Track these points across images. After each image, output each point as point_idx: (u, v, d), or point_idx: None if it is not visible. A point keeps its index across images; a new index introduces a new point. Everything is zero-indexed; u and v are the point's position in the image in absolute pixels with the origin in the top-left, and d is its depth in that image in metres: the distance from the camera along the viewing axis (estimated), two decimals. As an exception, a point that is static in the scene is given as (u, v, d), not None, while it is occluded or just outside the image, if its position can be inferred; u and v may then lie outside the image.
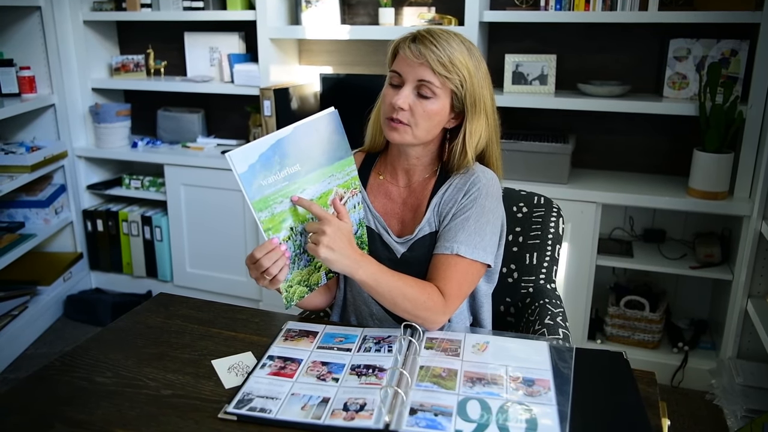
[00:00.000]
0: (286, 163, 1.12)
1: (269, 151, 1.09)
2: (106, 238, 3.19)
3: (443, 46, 1.21)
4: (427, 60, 1.20)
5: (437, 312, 1.20)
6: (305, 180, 1.15)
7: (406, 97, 1.23)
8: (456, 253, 1.23)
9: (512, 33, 2.68)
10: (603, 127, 2.65)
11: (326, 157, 1.17)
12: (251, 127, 3.00)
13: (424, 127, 1.25)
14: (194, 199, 2.99)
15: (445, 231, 1.27)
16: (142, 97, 3.31)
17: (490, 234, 1.28)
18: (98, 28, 3.18)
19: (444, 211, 1.29)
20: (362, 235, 1.29)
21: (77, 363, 1.15)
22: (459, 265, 1.23)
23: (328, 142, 1.17)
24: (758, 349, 2.22)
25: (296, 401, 1.01)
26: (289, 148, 1.11)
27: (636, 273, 2.65)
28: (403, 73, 1.23)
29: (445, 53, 1.20)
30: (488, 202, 1.28)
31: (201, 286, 3.06)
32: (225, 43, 3.04)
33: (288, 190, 1.13)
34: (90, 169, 3.22)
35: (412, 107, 1.23)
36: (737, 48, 2.31)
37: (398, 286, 1.17)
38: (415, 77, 1.22)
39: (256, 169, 1.08)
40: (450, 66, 1.21)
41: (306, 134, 1.13)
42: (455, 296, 1.23)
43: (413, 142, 1.27)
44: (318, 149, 1.16)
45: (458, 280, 1.23)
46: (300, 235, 1.18)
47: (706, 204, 2.28)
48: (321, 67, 3.02)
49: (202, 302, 1.40)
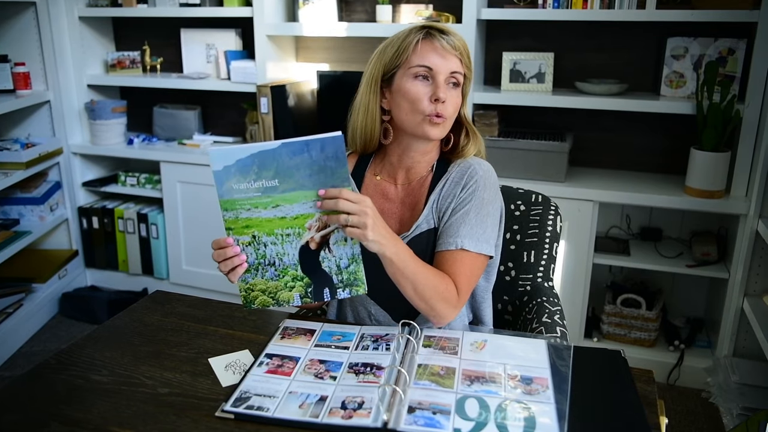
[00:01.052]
0: (263, 176, 1.08)
1: (248, 159, 1.07)
2: (101, 236, 3.18)
3: (461, 38, 1.26)
4: (461, 52, 1.24)
5: (451, 304, 1.19)
6: (281, 197, 1.09)
7: (445, 89, 1.23)
8: (461, 247, 1.23)
9: (510, 31, 2.67)
10: (600, 125, 2.65)
11: (312, 181, 1.08)
12: (248, 125, 2.98)
13: (453, 119, 1.29)
14: (190, 197, 2.98)
15: (447, 227, 1.26)
16: (138, 93, 3.30)
17: (491, 226, 1.28)
18: (94, 24, 3.16)
19: (443, 207, 1.29)
20: (356, 271, 1.15)
21: (73, 361, 1.14)
22: (465, 260, 1.23)
23: (321, 167, 1.07)
24: (754, 348, 2.22)
25: (294, 399, 1.01)
26: (271, 162, 1.07)
27: (632, 271, 2.65)
28: (436, 65, 1.23)
29: (465, 45, 1.26)
30: (487, 193, 1.28)
31: (197, 283, 3.05)
32: (221, 39, 3.03)
33: (259, 201, 1.10)
34: (85, 166, 3.21)
35: (447, 101, 1.24)
36: (734, 47, 2.31)
37: (422, 271, 1.16)
38: (448, 69, 1.23)
39: (230, 172, 1.07)
40: (470, 58, 1.27)
41: (295, 152, 1.06)
42: (465, 291, 1.23)
43: (444, 135, 1.29)
44: (305, 171, 1.07)
45: (466, 274, 1.23)
46: (265, 246, 1.13)
47: (703, 203, 2.28)
48: (318, 65, 3.01)
49: (198, 300, 1.40)
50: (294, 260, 1.14)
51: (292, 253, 1.14)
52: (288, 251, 1.13)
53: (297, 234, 1.12)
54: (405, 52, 1.24)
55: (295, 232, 1.12)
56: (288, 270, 1.15)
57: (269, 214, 1.11)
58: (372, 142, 1.35)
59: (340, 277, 1.15)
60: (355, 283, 1.16)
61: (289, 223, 1.11)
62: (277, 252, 1.13)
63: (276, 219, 1.11)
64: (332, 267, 1.15)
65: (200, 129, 3.22)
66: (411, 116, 1.25)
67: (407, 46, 1.23)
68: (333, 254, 1.14)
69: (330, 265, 1.15)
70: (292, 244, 1.13)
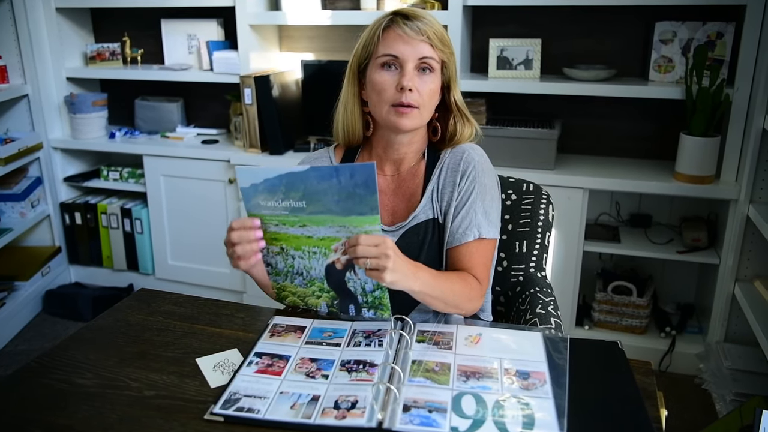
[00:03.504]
0: (290, 196, 1.09)
1: (276, 180, 1.08)
2: (84, 231, 3.12)
3: (432, 21, 1.21)
4: (428, 36, 1.19)
5: (477, 299, 1.23)
6: (308, 218, 1.11)
7: (413, 77, 1.19)
8: (478, 237, 1.24)
9: (496, 17, 2.64)
10: (589, 111, 2.63)
11: (341, 207, 1.07)
12: (232, 116, 2.93)
13: (429, 106, 1.24)
14: (175, 190, 2.92)
15: (458, 221, 1.26)
16: (118, 86, 3.23)
17: (496, 210, 1.30)
18: (71, 15, 3.08)
19: (444, 196, 1.28)
20: (381, 297, 1.16)
21: (55, 364, 1.10)
22: (481, 248, 1.26)
23: (349, 193, 1.06)
24: (746, 333, 2.22)
25: (285, 400, 0.98)
26: (299, 184, 1.08)
27: (622, 258, 2.64)
28: (402, 53, 1.19)
29: (437, 27, 1.21)
30: (486, 179, 1.28)
31: (183, 278, 3.00)
32: (203, 30, 2.96)
33: (286, 219, 1.12)
34: (66, 161, 3.14)
35: (418, 87, 1.19)
36: (723, 30, 2.29)
37: (447, 286, 1.17)
38: (416, 55, 1.19)
39: (257, 189, 1.10)
40: (444, 40, 1.21)
41: (324, 177, 1.06)
42: (486, 278, 1.27)
43: (420, 125, 1.25)
44: (333, 196, 1.07)
45: (485, 262, 1.27)
46: (293, 258, 1.15)
47: (693, 188, 2.27)
48: (302, 54, 2.96)
49: (184, 297, 1.36)
50: (321, 275, 1.17)
51: (319, 269, 1.16)
52: (315, 266, 1.16)
53: (324, 253, 1.14)
54: (372, 41, 1.21)
55: (321, 251, 1.14)
56: (315, 282, 1.18)
57: (296, 231, 1.13)
58: (355, 134, 1.32)
59: (365, 299, 1.18)
60: (380, 308, 1.18)
61: (315, 243, 1.13)
62: (305, 265, 1.16)
63: (303, 237, 1.13)
64: (357, 288, 1.17)
65: (183, 121, 3.17)
66: (379, 107, 1.22)
67: (374, 35, 1.21)
68: (358, 277, 1.15)
69: (355, 286, 1.17)
70: (318, 261, 1.15)
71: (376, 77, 1.20)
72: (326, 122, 1.36)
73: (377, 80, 1.20)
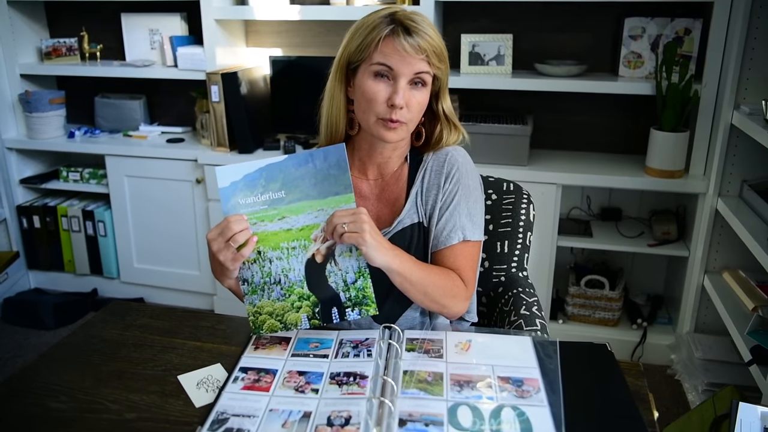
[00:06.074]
0: (270, 188, 1.11)
1: (256, 173, 1.10)
2: (44, 235, 3.00)
3: (432, 36, 1.16)
4: (427, 54, 1.14)
5: (461, 298, 1.21)
6: (287, 208, 1.12)
7: (405, 92, 1.15)
8: (464, 239, 1.23)
9: (468, 12, 2.62)
10: (560, 107, 2.64)
11: (317, 190, 1.11)
12: (198, 114, 2.85)
13: (416, 119, 1.21)
14: (139, 191, 2.83)
15: (443, 223, 1.24)
16: (76, 83, 3.10)
17: (480, 211, 1.29)
18: (24, 9, 2.94)
19: (428, 199, 1.26)
20: (364, 287, 1.13)
21: (26, 387, 1.04)
22: (466, 250, 1.25)
23: (324, 175, 1.11)
24: (715, 323, 2.27)
25: (276, 418, 0.94)
26: (277, 174, 1.11)
27: (593, 252, 2.67)
28: (398, 67, 1.14)
29: (436, 43, 1.16)
30: (470, 180, 1.28)
31: (150, 281, 2.92)
32: (166, 24, 2.87)
33: (266, 214, 1.11)
34: (23, 162, 3.01)
35: (408, 102, 1.16)
36: (691, 26, 2.32)
37: (428, 275, 1.17)
38: (412, 71, 1.15)
39: (237, 187, 1.10)
40: (442, 56, 1.18)
41: (300, 163, 1.11)
42: (472, 281, 1.26)
43: (406, 137, 1.23)
44: (309, 181, 1.11)
45: (470, 265, 1.25)
46: (270, 263, 1.13)
47: (663, 183, 2.30)
48: (270, 49, 2.89)
49: (160, 309, 1.30)
50: (300, 276, 1.13)
51: (298, 269, 1.13)
52: (294, 266, 1.13)
53: (303, 247, 1.12)
54: (368, 47, 1.15)
55: (300, 244, 1.12)
56: (294, 288, 1.13)
57: (275, 226, 1.12)
58: (338, 132, 1.27)
59: (348, 295, 1.14)
60: (364, 302, 1.14)
61: (294, 235, 1.12)
62: (283, 268, 1.13)
63: (282, 231, 1.12)
64: (339, 282, 1.14)
65: (146, 119, 3.07)
66: (366, 115, 1.18)
67: (371, 41, 1.15)
68: (339, 267, 1.13)
69: (337, 280, 1.14)
70: (297, 258, 1.13)
71: (368, 85, 1.16)
72: (296, 119, 1.33)
73: (368, 89, 1.16)
